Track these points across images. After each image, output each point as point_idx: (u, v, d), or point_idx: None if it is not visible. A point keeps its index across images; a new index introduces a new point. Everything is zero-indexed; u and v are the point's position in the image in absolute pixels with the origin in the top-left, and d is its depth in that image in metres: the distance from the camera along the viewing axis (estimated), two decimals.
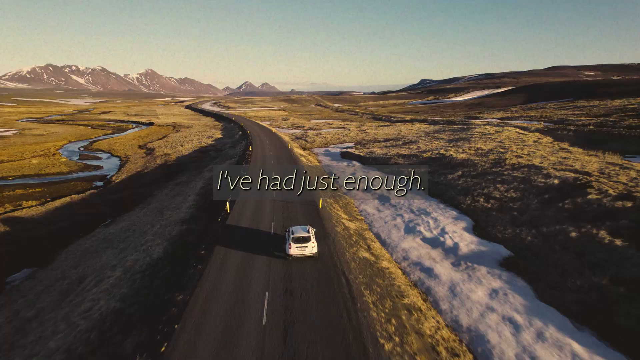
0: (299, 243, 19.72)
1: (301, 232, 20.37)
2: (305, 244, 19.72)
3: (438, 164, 49.24)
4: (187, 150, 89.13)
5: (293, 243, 19.73)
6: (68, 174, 69.11)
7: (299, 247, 19.66)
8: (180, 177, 60.52)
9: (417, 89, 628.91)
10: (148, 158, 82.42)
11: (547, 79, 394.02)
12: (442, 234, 26.63)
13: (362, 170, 51.98)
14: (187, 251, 23.14)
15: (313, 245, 19.89)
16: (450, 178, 41.89)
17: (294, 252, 19.69)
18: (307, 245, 19.72)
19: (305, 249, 19.69)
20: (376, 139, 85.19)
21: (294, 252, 19.69)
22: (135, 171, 69.35)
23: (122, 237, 31.35)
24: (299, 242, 19.74)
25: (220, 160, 68.47)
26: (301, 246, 19.66)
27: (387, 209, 34.03)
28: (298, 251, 19.68)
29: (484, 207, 31.73)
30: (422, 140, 74.23)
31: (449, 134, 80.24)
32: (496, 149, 53.41)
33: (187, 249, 23.50)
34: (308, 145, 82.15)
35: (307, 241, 19.80)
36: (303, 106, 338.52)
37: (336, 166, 55.48)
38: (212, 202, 35.50)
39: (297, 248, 19.66)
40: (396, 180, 44.43)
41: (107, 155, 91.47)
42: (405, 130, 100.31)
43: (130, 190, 53.95)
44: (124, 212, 43.03)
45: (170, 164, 74.02)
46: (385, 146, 71.95)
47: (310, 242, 19.84)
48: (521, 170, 39.79)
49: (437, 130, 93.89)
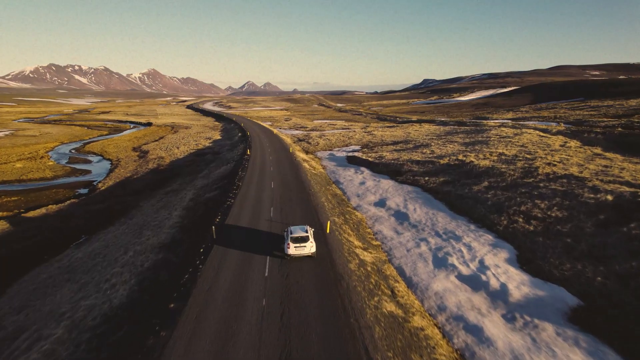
0: (297, 243, 19.82)
1: (300, 232, 20.43)
2: (303, 243, 19.82)
3: (458, 173, 43.65)
4: (183, 153, 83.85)
5: (292, 243, 19.83)
6: (52, 179, 63.95)
7: (297, 247, 19.77)
8: (172, 183, 55.24)
9: (420, 88, 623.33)
10: (140, 162, 77.19)
11: (552, 78, 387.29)
12: (483, 269, 21.10)
13: (372, 178, 46.45)
14: (155, 298, 17.72)
15: (311, 245, 19.98)
16: (477, 190, 36.30)
17: (292, 251, 19.80)
18: (306, 245, 19.83)
19: (303, 249, 19.81)
20: (384, 142, 79.64)
21: (292, 251, 19.80)
22: (125, 176, 64.10)
23: (89, 265, 26.00)
24: (298, 242, 19.84)
25: (216, 165, 63.13)
26: (300, 246, 19.77)
27: (407, 229, 28.52)
28: (296, 251, 19.80)
29: (525, 230, 26.15)
30: (435, 143, 68.61)
31: (463, 137, 74.55)
32: (522, 155, 47.81)
33: (157, 295, 18.08)
34: (311, 148, 76.69)
35: (306, 241, 19.91)
36: (305, 106, 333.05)
37: (343, 173, 49.97)
38: (198, 220, 30.13)
39: (296, 248, 19.77)
40: (413, 192, 39.07)
41: (99, 158, 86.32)
42: (413, 132, 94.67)
43: (115, 199, 48.66)
44: (102, 227, 37.72)
45: (163, 168, 68.74)
46: (395, 150, 66.37)
47: (308, 241, 19.92)
48: (559, 182, 34.19)
49: (448, 132, 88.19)
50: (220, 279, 18.16)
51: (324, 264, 19.28)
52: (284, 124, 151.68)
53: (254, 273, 18.60)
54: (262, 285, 17.25)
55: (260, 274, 18.51)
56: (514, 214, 29.04)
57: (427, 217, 31.12)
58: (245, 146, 76.02)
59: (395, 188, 41.16)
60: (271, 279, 17.86)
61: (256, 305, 15.46)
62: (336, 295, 16.12)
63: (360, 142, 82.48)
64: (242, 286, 17.24)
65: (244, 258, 20.30)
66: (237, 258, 20.33)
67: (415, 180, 43.68)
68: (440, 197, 36.72)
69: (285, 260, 19.88)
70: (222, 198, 34.74)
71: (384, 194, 39.12)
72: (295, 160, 53.59)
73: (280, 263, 19.53)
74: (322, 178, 45.83)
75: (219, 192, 39.21)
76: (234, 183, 40.08)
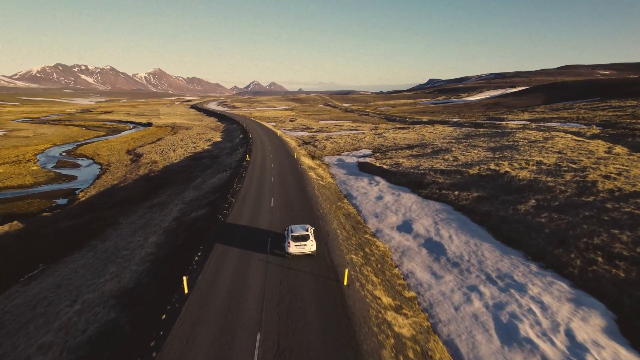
0: (298, 241, 19.74)
1: (300, 230, 20.29)
2: (304, 242, 19.75)
3: (494, 186, 36.65)
4: (179, 157, 77.43)
5: (292, 241, 19.72)
6: (31, 187, 57.78)
7: (297, 245, 19.68)
8: (160, 194, 48.75)
9: (427, 88, 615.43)
10: (132, 167, 70.90)
11: (562, 78, 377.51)
12: (577, 350, 14.21)
13: (390, 191, 39.58)
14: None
15: (312, 243, 19.88)
16: (524, 211, 29.29)
17: (292, 250, 19.69)
18: (306, 244, 19.75)
19: (304, 247, 19.73)
20: (397, 145, 72.66)
21: (292, 250, 19.69)
22: (111, 184, 57.75)
23: (22, 320, 19.45)
24: (298, 241, 19.75)
25: (212, 172, 56.56)
26: (300, 244, 19.70)
27: (447, 270, 21.65)
28: (297, 249, 19.71)
29: (613, 276, 19.17)
30: (455, 148, 61.53)
31: (485, 140, 67.35)
32: (565, 164, 40.71)
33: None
34: (318, 152, 69.90)
35: (306, 239, 19.82)
36: (311, 106, 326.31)
37: (355, 185, 43.12)
38: (176, 253, 23.50)
39: (296, 246, 19.68)
40: (444, 212, 32.16)
41: (89, 161, 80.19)
42: (428, 135, 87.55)
43: (93, 213, 42.24)
44: (66, 253, 31.21)
45: (155, 175, 62.35)
46: (412, 155, 59.39)
47: (308, 240, 19.84)
48: (634, 203, 27.11)
49: (467, 135, 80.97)
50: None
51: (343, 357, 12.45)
52: (288, 124, 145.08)
53: (236, 348, 11.91)
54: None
55: (249, 351, 11.82)
56: (587, 249, 22.04)
57: (469, 249, 24.21)
58: (246, 150, 69.47)
59: (420, 205, 34.26)
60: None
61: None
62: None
63: (371, 145, 75.56)
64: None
65: (223, 338, 13.49)
66: (213, 337, 13.54)
67: (442, 195, 36.72)
68: (479, 220, 29.77)
69: (278, 347, 13.02)
70: (209, 222, 28.03)
71: (408, 213, 32.24)
72: (300, 169, 46.84)
73: (275, 353, 12.68)
74: (331, 191, 39.00)
75: (208, 210, 32.55)
76: (226, 199, 33.41)
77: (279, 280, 17.52)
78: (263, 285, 17.09)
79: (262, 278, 17.82)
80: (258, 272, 18.43)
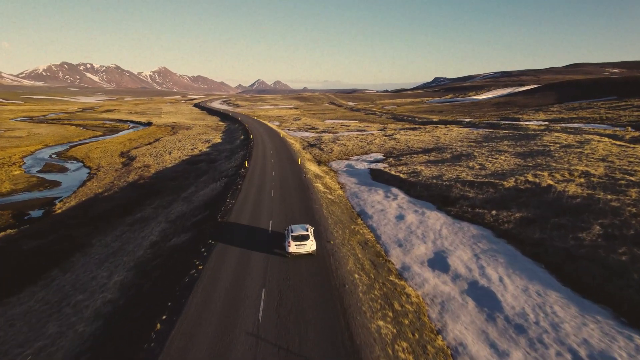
0: (298, 241, 19.93)
1: (300, 230, 20.48)
2: (304, 242, 19.95)
3: (539, 204, 30.24)
4: (174, 160, 71.60)
5: (292, 241, 19.89)
6: (8, 195, 52.23)
7: (297, 245, 19.85)
8: (146, 206, 42.89)
9: (432, 87, 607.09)
10: (122, 171, 65.17)
11: (571, 76, 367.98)
12: None
13: (412, 207, 33.30)
14: None
15: (311, 243, 20.09)
16: (589, 241, 22.91)
17: (293, 249, 19.86)
18: (306, 243, 19.95)
19: (304, 247, 19.90)
20: (411, 149, 66.30)
21: (293, 249, 19.86)
22: (95, 193, 52.02)
23: None
24: (298, 240, 19.95)
25: (206, 180, 50.61)
26: (300, 244, 19.88)
27: (511, 341, 15.41)
28: (297, 249, 19.86)
29: None
30: (478, 153, 55.07)
31: (510, 144, 60.75)
32: (620, 175, 34.22)
33: None
34: (324, 156, 63.71)
35: (306, 239, 20.03)
36: (316, 104, 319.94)
37: (369, 199, 36.88)
38: (141, 304, 17.50)
39: (296, 246, 19.84)
40: (483, 239, 25.85)
41: (78, 165, 74.66)
42: (443, 136, 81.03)
43: (64, 231, 36.36)
44: (13, 290, 25.28)
45: (144, 182, 56.54)
46: (430, 161, 53.01)
47: (308, 240, 20.05)
48: None
49: (486, 137, 74.36)
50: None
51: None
52: (292, 124, 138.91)
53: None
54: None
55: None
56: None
57: (532, 302, 17.96)
58: (246, 153, 63.51)
59: (452, 228, 27.99)
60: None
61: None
62: None
63: (383, 148, 69.23)
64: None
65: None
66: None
67: (476, 214, 30.39)
68: (531, 253, 23.45)
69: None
70: (189, 256, 21.92)
71: (439, 240, 26.00)
72: (305, 179, 40.73)
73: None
74: (342, 209, 32.79)
75: (191, 234, 26.51)
76: (215, 220, 27.35)
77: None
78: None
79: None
80: (242, 350, 12.35)
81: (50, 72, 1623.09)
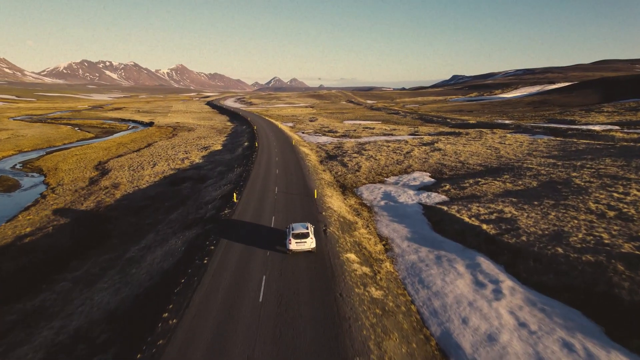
0: (298, 239, 20.64)
1: (301, 228, 21.20)
2: (304, 239, 20.68)
3: None
4: (154, 176, 55.44)
5: (293, 239, 20.59)
6: None
7: (298, 242, 20.58)
8: (67, 273, 26.72)
9: (451, 84, 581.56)
10: (82, 193, 49.37)
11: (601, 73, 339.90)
12: None
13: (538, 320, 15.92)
14: None
15: (311, 240, 20.79)
16: None
17: (293, 247, 20.59)
18: (306, 241, 20.68)
19: (304, 244, 20.66)
20: (467, 166, 48.36)
21: (293, 247, 20.59)
22: (18, 234, 36.07)
23: None
24: (299, 238, 20.65)
25: (178, 219, 34.07)
26: (300, 241, 20.61)
27: None
28: (297, 246, 20.62)
29: None
30: (581, 180, 36.86)
31: (619, 164, 42.17)
32: None
33: None
34: (350, 177, 46.40)
35: (306, 237, 20.74)
36: (333, 103, 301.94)
37: (443, 289, 19.47)
38: None
39: (297, 243, 20.57)
40: None
41: (37, 180, 59.38)
42: (500, 147, 62.65)
43: None
44: None
45: (100, 212, 40.45)
46: (509, 192, 35.06)
47: (309, 237, 20.78)
48: None
49: (565, 150, 55.63)
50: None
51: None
52: (307, 125, 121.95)
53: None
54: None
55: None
56: None
57: None
58: (243, 172, 46.90)
59: None
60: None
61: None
62: None
63: (427, 164, 51.44)
64: None
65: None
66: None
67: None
68: None
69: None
70: None
71: None
72: (323, 232, 23.70)
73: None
74: (404, 331, 15.50)
75: None
76: None
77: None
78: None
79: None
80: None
81: (70, 70, 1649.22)
